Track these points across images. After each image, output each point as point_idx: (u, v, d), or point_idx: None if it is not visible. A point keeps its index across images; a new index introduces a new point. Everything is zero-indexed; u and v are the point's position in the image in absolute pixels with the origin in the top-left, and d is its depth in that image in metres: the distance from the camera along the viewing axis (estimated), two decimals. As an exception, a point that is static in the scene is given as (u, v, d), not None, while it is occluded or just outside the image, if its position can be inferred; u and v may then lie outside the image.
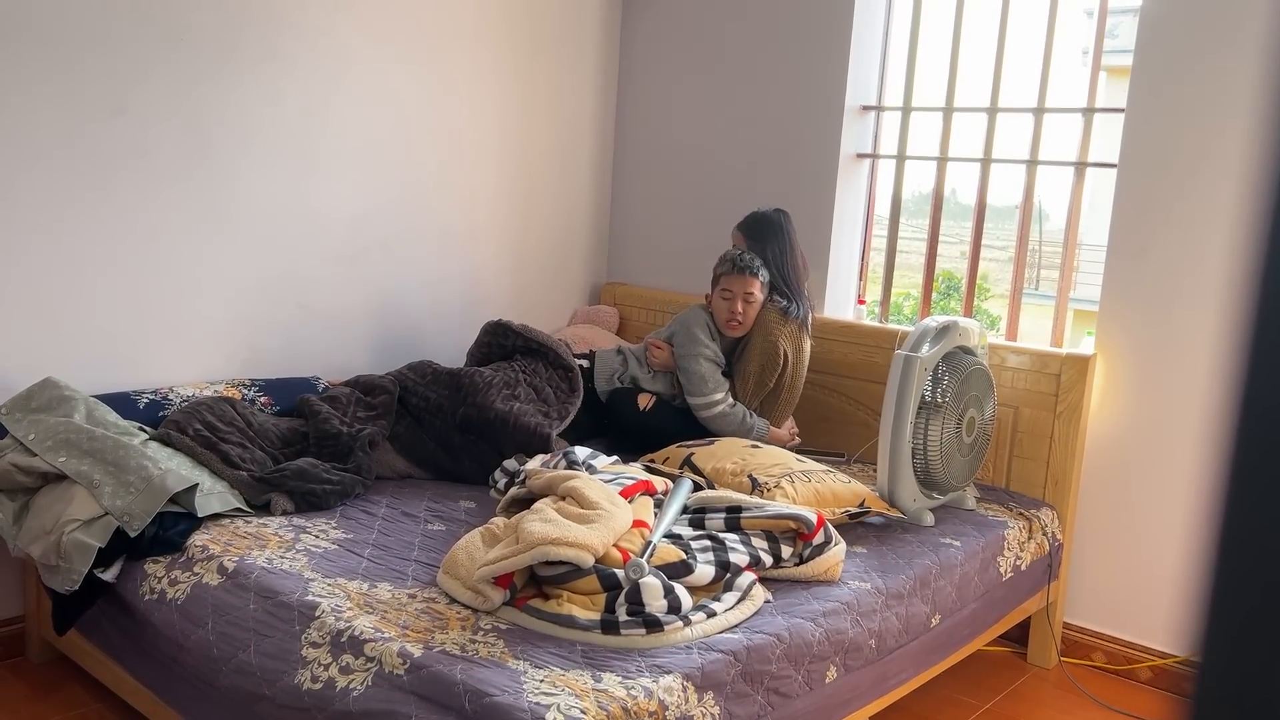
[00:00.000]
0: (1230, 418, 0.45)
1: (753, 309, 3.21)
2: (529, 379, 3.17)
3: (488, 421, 2.98)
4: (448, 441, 2.99)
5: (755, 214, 3.37)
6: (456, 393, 3.04)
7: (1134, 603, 3.13)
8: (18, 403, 2.60)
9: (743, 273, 3.19)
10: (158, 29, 2.87)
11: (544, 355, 3.27)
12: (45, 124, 2.70)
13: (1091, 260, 5.47)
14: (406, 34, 3.48)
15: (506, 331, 3.31)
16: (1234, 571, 0.44)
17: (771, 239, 3.30)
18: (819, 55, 3.66)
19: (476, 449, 2.98)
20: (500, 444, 2.96)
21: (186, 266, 3.04)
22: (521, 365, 3.22)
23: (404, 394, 3.05)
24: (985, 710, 2.90)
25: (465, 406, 3.00)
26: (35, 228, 2.72)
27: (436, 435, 3.00)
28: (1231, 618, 0.45)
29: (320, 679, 1.88)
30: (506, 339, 3.31)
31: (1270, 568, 0.43)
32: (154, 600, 2.26)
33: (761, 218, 3.34)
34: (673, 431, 3.21)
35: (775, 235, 3.30)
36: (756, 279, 3.20)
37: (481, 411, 2.99)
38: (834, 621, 2.23)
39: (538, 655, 1.89)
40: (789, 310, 3.23)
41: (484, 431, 2.98)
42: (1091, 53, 3.35)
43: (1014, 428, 3.22)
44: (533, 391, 3.14)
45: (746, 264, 3.20)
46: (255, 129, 3.13)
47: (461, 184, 3.75)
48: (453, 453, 2.99)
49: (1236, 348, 0.45)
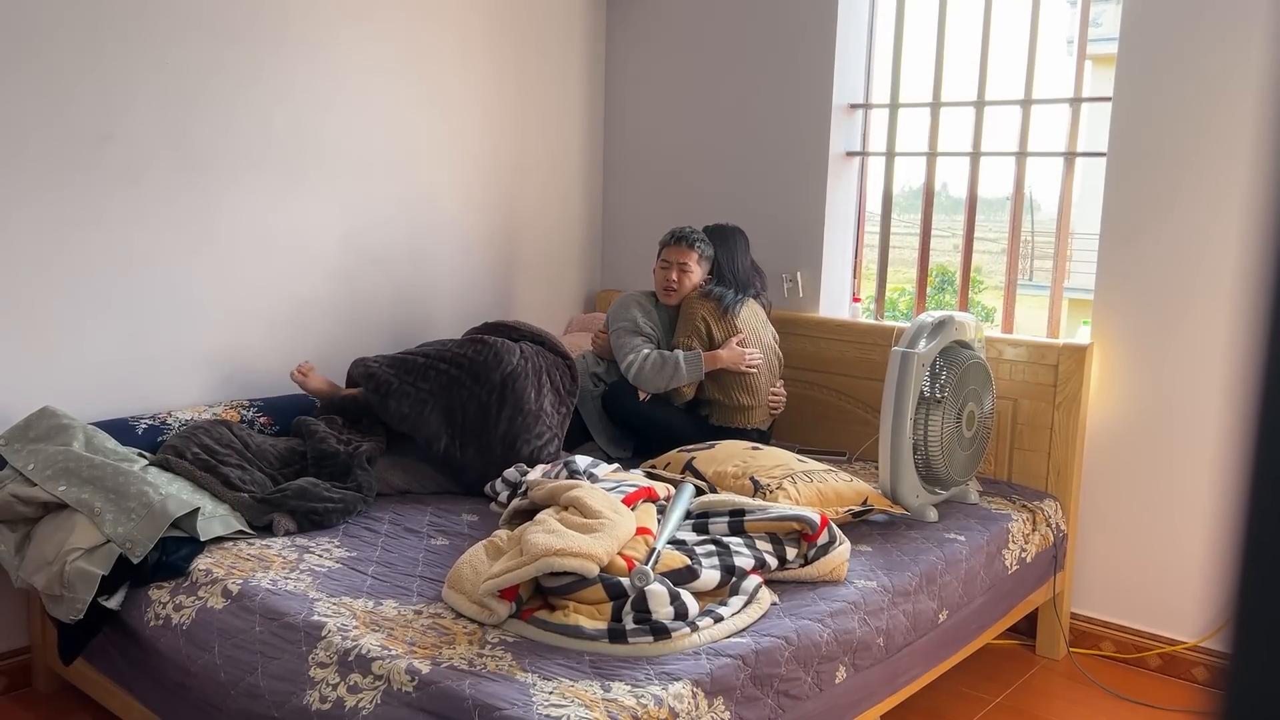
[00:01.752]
0: (1251, 406, 0.44)
1: (688, 278, 3.37)
2: (540, 358, 3.15)
3: (520, 411, 2.97)
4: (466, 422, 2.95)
5: (710, 226, 3.52)
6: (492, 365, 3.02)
7: (1141, 591, 3.13)
8: (16, 433, 2.60)
9: (680, 243, 3.37)
10: (143, 55, 2.87)
11: (542, 344, 3.24)
12: (34, 153, 2.70)
13: (1084, 249, 5.49)
14: (392, 50, 3.48)
15: (503, 327, 3.29)
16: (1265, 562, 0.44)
17: (719, 243, 3.44)
18: (805, 55, 3.67)
19: (478, 452, 2.95)
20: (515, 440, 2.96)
21: (180, 290, 3.03)
22: (531, 348, 3.18)
23: (422, 367, 3.01)
24: (996, 704, 2.90)
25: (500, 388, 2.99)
26: (28, 257, 2.72)
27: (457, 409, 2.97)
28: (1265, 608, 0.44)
29: (329, 699, 1.87)
30: (510, 335, 3.27)
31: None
32: (159, 626, 2.25)
33: (714, 227, 3.50)
34: (669, 423, 3.24)
35: (721, 240, 3.45)
36: (694, 251, 3.36)
37: (519, 399, 2.98)
38: (842, 621, 2.22)
39: (546, 667, 1.88)
40: (710, 292, 3.34)
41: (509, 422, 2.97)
42: (1076, 42, 3.36)
43: (1014, 420, 3.22)
44: (544, 371, 3.13)
45: (685, 234, 3.38)
46: (244, 151, 3.13)
47: (452, 198, 3.75)
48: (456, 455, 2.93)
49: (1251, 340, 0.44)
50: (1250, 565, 0.45)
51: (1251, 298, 0.45)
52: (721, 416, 3.34)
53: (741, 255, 3.47)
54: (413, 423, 2.95)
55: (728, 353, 3.26)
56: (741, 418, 3.34)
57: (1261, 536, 0.44)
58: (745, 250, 3.49)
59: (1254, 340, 0.44)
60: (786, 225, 3.75)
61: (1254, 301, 0.44)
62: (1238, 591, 0.46)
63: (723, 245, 3.44)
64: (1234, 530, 0.46)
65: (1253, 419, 0.44)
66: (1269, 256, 0.44)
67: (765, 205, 3.78)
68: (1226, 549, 0.46)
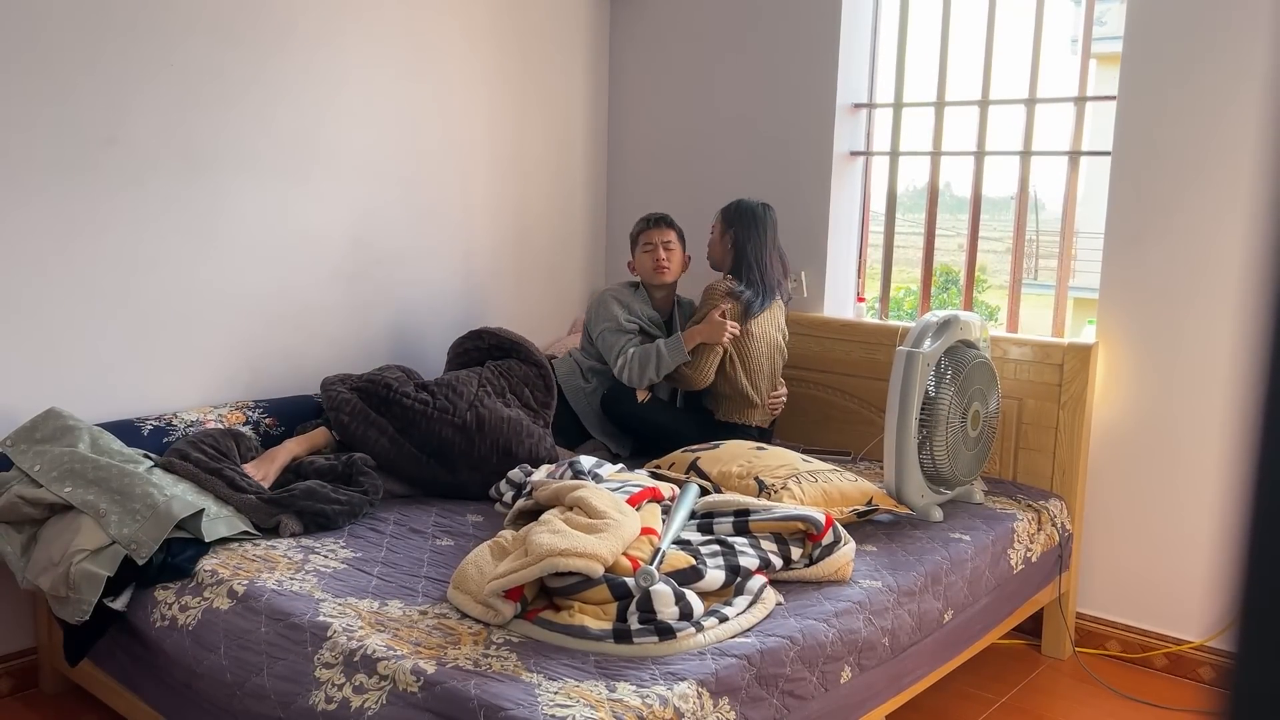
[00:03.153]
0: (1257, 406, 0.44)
1: (675, 254, 3.42)
2: (503, 379, 3.13)
3: (502, 419, 2.95)
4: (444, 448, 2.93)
5: (740, 201, 3.41)
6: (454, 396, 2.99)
7: (1147, 590, 3.12)
8: (22, 434, 2.60)
9: (657, 224, 3.42)
10: (146, 56, 2.88)
11: (516, 353, 3.24)
12: (38, 156, 2.70)
13: (1089, 248, 5.47)
14: (396, 50, 3.49)
15: (478, 336, 3.29)
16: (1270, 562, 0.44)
17: (749, 227, 3.34)
18: (808, 55, 3.67)
19: (472, 468, 2.93)
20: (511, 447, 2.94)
21: (185, 292, 3.04)
22: (494, 368, 3.16)
23: (393, 398, 2.94)
24: (1002, 704, 2.89)
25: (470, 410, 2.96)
26: (33, 259, 2.72)
27: (431, 440, 2.93)
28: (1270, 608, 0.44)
29: (334, 699, 1.87)
30: (480, 340, 3.27)
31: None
32: (165, 627, 2.25)
33: (745, 205, 3.39)
34: (669, 424, 3.25)
35: (753, 224, 3.34)
36: (671, 228, 3.41)
37: (496, 411, 2.95)
38: (847, 621, 2.22)
39: (551, 667, 1.88)
40: (737, 294, 3.27)
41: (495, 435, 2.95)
42: (1081, 41, 3.36)
43: (1019, 419, 3.22)
44: (507, 391, 3.10)
45: (658, 216, 3.45)
46: (248, 152, 3.14)
47: (456, 197, 3.75)
48: (449, 462, 2.93)
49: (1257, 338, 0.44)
50: (1256, 564, 0.45)
51: (1257, 296, 0.45)
52: (726, 410, 3.34)
53: (769, 243, 3.35)
54: (392, 460, 2.91)
55: (706, 325, 3.23)
56: (744, 413, 3.34)
57: (1267, 536, 0.44)
58: (773, 236, 3.36)
59: (1260, 339, 0.44)
60: (791, 225, 3.74)
61: (1259, 300, 0.44)
62: (1243, 591, 0.45)
63: (749, 229, 3.33)
64: (1240, 530, 0.46)
65: (1258, 418, 0.44)
66: (1274, 255, 0.44)
67: (770, 204, 3.77)
68: (1232, 548, 0.46)
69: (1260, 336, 0.44)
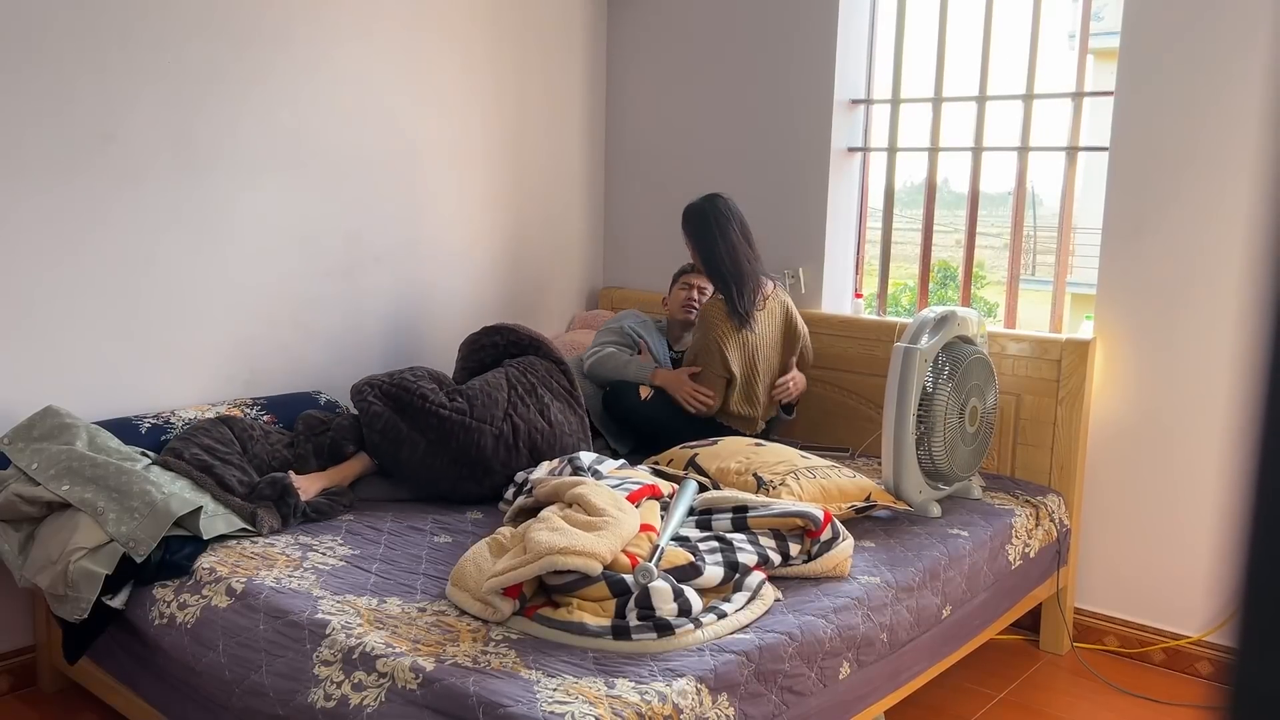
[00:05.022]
0: (1256, 401, 0.44)
1: (705, 298, 3.47)
2: (529, 375, 3.08)
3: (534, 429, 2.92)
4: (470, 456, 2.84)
5: (687, 206, 3.37)
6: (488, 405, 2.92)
7: (1145, 585, 3.12)
8: (19, 432, 2.60)
9: (700, 274, 3.48)
10: (145, 56, 2.87)
11: (534, 349, 3.21)
12: (37, 153, 2.70)
13: (1086, 244, 5.47)
14: (394, 48, 3.48)
15: (495, 332, 3.24)
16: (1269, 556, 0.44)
17: (700, 226, 3.31)
18: (806, 51, 3.66)
19: (514, 467, 2.87)
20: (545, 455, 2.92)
21: (183, 289, 3.03)
22: (517, 365, 3.10)
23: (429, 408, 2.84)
24: (1000, 699, 2.90)
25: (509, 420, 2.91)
26: (31, 256, 2.72)
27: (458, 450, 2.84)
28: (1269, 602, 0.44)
29: (333, 697, 1.87)
30: (497, 336, 3.21)
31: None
32: (164, 625, 2.25)
33: (691, 208, 3.36)
34: (670, 421, 3.24)
35: (701, 222, 3.30)
36: (710, 283, 3.42)
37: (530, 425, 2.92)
38: (845, 617, 2.22)
39: (550, 664, 1.88)
40: (728, 312, 3.25)
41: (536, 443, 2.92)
42: (1078, 36, 3.35)
43: (1017, 415, 3.22)
44: (538, 387, 3.05)
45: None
46: (246, 150, 3.13)
47: (455, 195, 3.75)
48: (484, 472, 2.85)
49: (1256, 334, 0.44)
50: (1255, 559, 0.45)
51: (1256, 291, 0.45)
52: (726, 414, 3.34)
53: (727, 231, 3.26)
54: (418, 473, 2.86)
55: (673, 377, 3.27)
56: (744, 424, 3.31)
57: (1266, 530, 0.44)
58: (728, 223, 3.26)
59: (1258, 334, 0.44)
60: (788, 221, 3.74)
61: (1258, 295, 0.44)
62: (1242, 586, 0.45)
63: (701, 228, 3.28)
64: (1238, 524, 0.46)
65: (1258, 413, 0.44)
66: (1273, 250, 0.44)
67: (767, 201, 3.77)
68: (1231, 543, 0.46)
69: (1260, 331, 0.44)
